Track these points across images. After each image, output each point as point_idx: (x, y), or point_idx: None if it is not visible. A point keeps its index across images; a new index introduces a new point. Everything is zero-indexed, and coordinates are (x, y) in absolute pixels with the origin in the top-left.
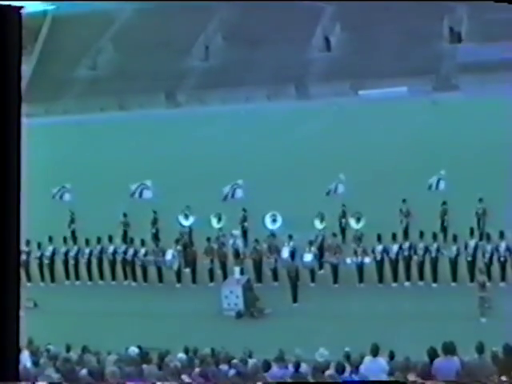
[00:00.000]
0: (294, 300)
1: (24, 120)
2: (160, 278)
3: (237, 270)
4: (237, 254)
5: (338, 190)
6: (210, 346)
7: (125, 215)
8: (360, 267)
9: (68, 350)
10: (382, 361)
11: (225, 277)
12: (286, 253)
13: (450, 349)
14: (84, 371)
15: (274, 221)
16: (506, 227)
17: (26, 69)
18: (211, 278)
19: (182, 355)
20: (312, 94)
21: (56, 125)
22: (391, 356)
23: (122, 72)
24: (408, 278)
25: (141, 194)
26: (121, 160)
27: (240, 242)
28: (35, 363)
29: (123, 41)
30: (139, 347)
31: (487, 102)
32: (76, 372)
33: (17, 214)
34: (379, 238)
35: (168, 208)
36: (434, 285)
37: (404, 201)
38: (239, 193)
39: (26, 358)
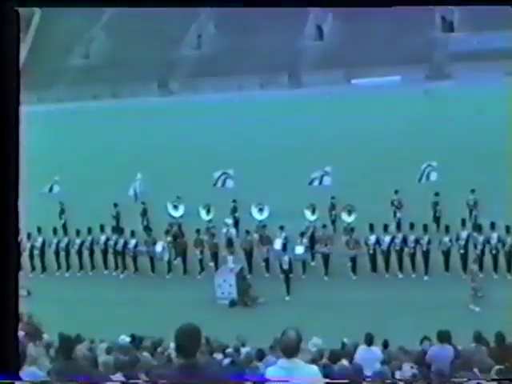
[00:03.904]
0: (287, 292)
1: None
2: (152, 268)
3: (230, 258)
4: (230, 242)
5: (324, 182)
6: (203, 334)
7: (115, 205)
8: (353, 259)
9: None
10: (376, 350)
11: (216, 268)
12: (278, 244)
13: (445, 337)
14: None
15: (261, 210)
16: (498, 218)
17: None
18: (201, 270)
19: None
20: (304, 83)
21: (48, 112)
22: (385, 345)
23: (115, 60)
24: (401, 270)
25: (135, 192)
26: (113, 149)
27: (233, 231)
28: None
29: (115, 29)
30: (133, 335)
31: (479, 91)
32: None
33: (15, 205)
34: (371, 229)
35: (159, 197)
36: (426, 277)
37: (396, 192)
38: (230, 183)
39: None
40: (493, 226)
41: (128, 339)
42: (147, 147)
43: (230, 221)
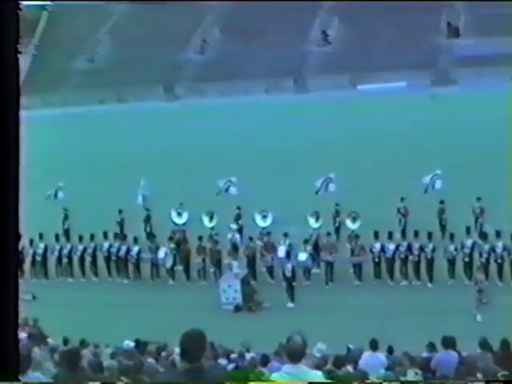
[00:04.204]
0: (291, 300)
1: (22, 112)
2: (157, 274)
3: (235, 264)
4: (235, 248)
5: (329, 188)
6: (208, 340)
7: (120, 212)
8: (358, 265)
9: (66, 343)
10: (381, 355)
11: (219, 275)
12: (282, 252)
13: (449, 343)
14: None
15: (265, 217)
16: (504, 225)
17: (24, 61)
18: (204, 277)
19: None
20: (310, 88)
21: (53, 116)
22: (390, 351)
23: (120, 64)
24: (405, 277)
25: (144, 199)
26: (118, 153)
27: (238, 236)
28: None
29: (121, 33)
30: (137, 340)
31: (485, 96)
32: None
33: (15, 209)
34: (376, 236)
35: (163, 203)
36: (430, 285)
37: (402, 199)
38: (233, 190)
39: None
40: (498, 234)
41: (132, 344)
42: (152, 152)
43: (234, 226)
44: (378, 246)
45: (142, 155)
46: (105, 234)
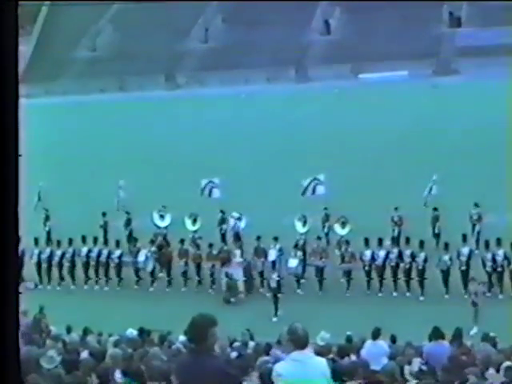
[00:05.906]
0: (275, 314)
1: (23, 100)
2: (138, 279)
3: (237, 253)
4: (237, 236)
5: (317, 191)
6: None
7: (104, 214)
8: (348, 272)
9: (69, 331)
10: (384, 344)
11: (199, 281)
12: (272, 256)
13: (439, 334)
14: (85, 353)
15: (239, 219)
16: (505, 230)
17: (26, 49)
18: (185, 281)
19: (183, 337)
20: (311, 77)
21: (55, 105)
22: (393, 340)
23: (122, 53)
24: (396, 287)
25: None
26: (115, 145)
27: (240, 225)
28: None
29: (122, 22)
30: (140, 328)
31: (487, 86)
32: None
33: (15, 204)
34: (367, 243)
35: (150, 202)
36: (422, 298)
37: (396, 209)
38: (216, 192)
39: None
40: (499, 242)
41: (136, 332)
42: (149, 143)
43: (236, 214)
44: (368, 253)
45: (138, 146)
46: (83, 239)
